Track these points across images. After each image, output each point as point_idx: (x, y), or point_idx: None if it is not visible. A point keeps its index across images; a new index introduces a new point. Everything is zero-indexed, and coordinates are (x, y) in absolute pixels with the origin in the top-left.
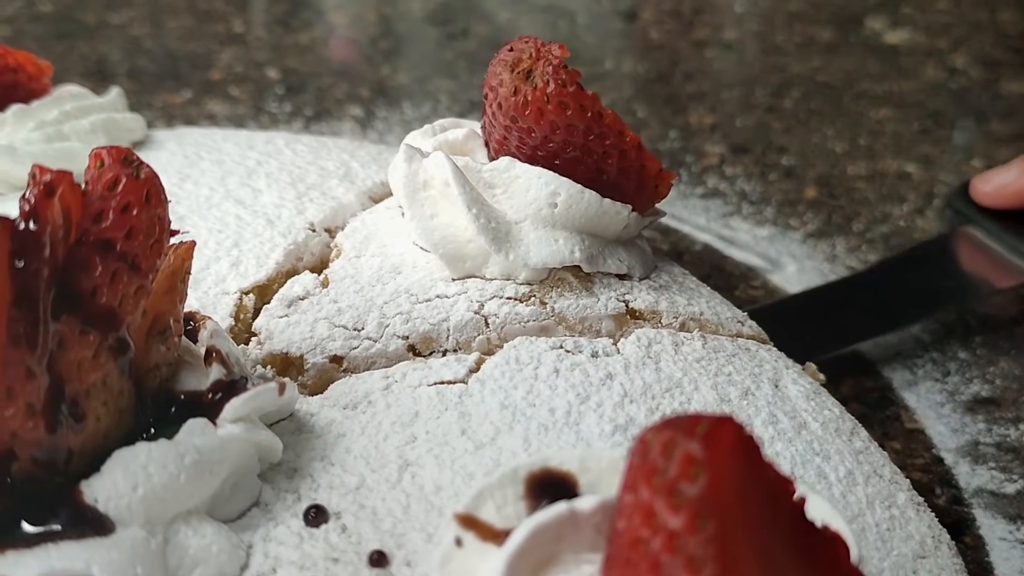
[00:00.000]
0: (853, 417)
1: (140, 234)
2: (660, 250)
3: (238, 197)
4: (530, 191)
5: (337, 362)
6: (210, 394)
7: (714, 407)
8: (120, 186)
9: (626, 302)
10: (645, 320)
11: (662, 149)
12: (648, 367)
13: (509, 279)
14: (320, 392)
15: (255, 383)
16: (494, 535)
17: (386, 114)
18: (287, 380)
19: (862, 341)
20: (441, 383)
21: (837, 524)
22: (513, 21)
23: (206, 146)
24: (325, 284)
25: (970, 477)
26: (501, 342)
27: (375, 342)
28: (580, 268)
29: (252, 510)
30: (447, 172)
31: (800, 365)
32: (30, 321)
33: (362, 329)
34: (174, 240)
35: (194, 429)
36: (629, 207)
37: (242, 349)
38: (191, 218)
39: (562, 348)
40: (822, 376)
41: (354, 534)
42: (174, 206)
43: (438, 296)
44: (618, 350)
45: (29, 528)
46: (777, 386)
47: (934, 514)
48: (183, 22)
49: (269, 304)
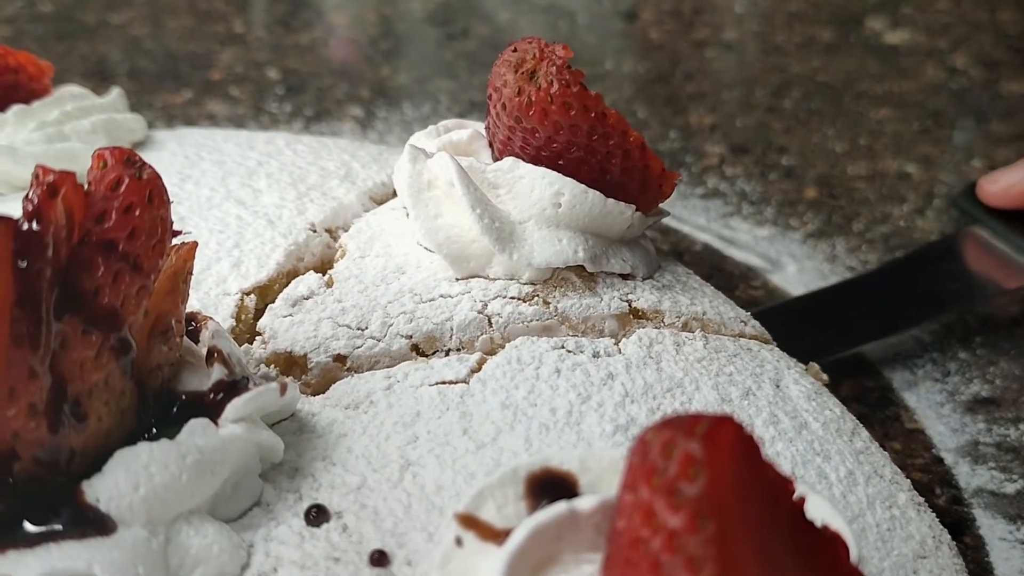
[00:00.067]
0: (854, 417)
1: (142, 235)
2: (661, 250)
3: (239, 197)
4: (534, 191)
5: (341, 361)
6: (212, 394)
7: (715, 407)
8: (123, 187)
9: (629, 302)
10: (648, 320)
11: (662, 149)
12: (649, 367)
13: (513, 279)
14: (324, 391)
15: (257, 383)
16: (494, 535)
17: (386, 114)
18: (289, 380)
19: (870, 342)
20: (443, 383)
21: (837, 524)
22: (513, 21)
23: (207, 146)
24: (329, 284)
25: (970, 477)
26: (504, 342)
27: (379, 341)
28: (584, 268)
29: (253, 510)
30: (451, 172)
31: (803, 365)
32: (33, 321)
33: (366, 328)
34: (176, 241)
35: (196, 429)
36: (633, 207)
37: (245, 348)
38: (192, 218)
39: (563, 348)
40: (825, 376)
41: (355, 533)
42: (175, 206)
43: (442, 296)
44: (619, 350)
45: (31, 528)
46: (778, 386)
47: (935, 514)
48: (183, 22)
49: (273, 304)
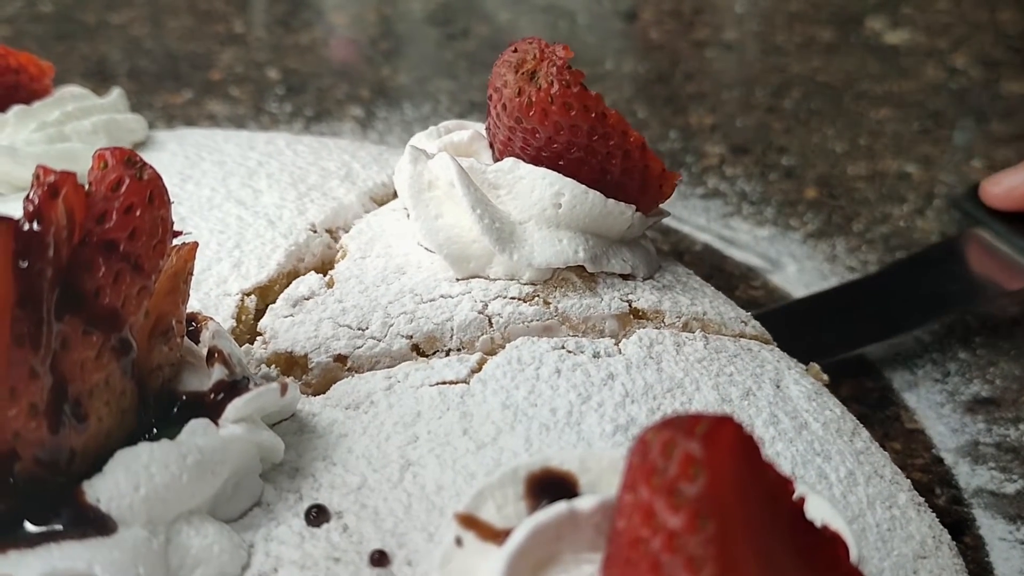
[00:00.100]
0: (854, 417)
1: (143, 235)
2: (661, 250)
3: (239, 198)
4: (534, 191)
5: (341, 361)
6: (212, 394)
7: (715, 407)
8: (123, 187)
9: (629, 302)
10: (648, 320)
11: (662, 149)
12: (649, 367)
13: (513, 279)
14: (324, 391)
15: (258, 383)
16: (494, 535)
17: (386, 114)
18: (289, 380)
19: (873, 344)
20: (443, 383)
21: (837, 524)
22: (513, 21)
23: (207, 147)
24: (330, 284)
25: (970, 477)
26: (504, 342)
27: (379, 341)
28: (584, 268)
29: (254, 510)
30: (452, 173)
31: (804, 365)
32: (34, 321)
33: (366, 329)
34: (176, 241)
35: (196, 429)
36: (633, 207)
37: (246, 349)
38: (193, 219)
39: (564, 348)
40: (825, 377)
41: (355, 534)
42: (176, 207)
43: (442, 296)
44: (620, 350)
45: (31, 528)
46: (779, 386)
47: (935, 514)
48: (183, 22)
49: (274, 304)
